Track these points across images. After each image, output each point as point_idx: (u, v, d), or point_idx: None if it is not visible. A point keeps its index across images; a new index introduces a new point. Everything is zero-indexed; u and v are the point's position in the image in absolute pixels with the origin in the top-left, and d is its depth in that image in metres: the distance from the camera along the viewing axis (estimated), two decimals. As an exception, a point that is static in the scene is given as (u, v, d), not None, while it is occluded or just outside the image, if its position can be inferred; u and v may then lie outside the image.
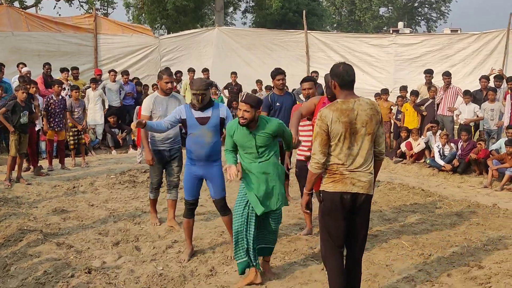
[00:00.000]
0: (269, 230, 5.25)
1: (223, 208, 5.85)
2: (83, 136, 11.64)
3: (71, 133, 11.37)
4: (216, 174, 5.80)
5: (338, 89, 4.32)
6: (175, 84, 15.26)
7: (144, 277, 5.31)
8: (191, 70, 15.23)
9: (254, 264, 5.16)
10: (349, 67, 4.33)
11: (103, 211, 7.89)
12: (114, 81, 14.13)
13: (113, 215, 7.65)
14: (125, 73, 14.71)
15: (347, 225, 4.38)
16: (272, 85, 8.65)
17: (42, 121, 11.22)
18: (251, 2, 38.94)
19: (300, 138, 6.68)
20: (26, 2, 29.46)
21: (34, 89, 10.49)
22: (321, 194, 4.42)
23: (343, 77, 4.27)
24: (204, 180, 5.88)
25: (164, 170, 7.11)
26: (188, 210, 5.91)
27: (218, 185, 5.81)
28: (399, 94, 13.96)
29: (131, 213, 7.75)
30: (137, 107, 12.08)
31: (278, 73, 8.08)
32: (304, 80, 6.91)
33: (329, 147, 4.26)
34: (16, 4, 27.47)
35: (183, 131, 6.20)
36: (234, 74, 16.19)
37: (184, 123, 5.74)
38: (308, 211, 4.67)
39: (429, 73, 13.51)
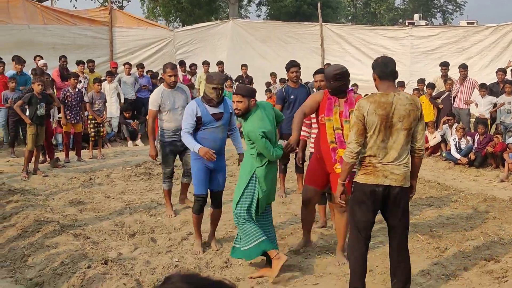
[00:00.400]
0: None
1: (220, 201, 6.02)
2: (102, 128, 11.71)
3: (91, 125, 11.44)
4: (224, 167, 5.97)
5: (378, 81, 4.39)
6: (189, 77, 15.29)
7: (160, 269, 5.34)
8: (206, 63, 15.25)
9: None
10: (388, 59, 4.40)
11: (119, 203, 7.95)
12: (129, 74, 14.19)
13: (129, 207, 7.71)
14: (140, 66, 14.77)
15: (385, 218, 4.52)
16: (286, 78, 8.64)
17: (59, 112, 11.30)
18: (265, -6, 38.89)
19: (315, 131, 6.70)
20: (42, -5, 29.62)
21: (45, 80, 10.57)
22: (352, 185, 4.49)
23: (381, 68, 4.35)
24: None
25: (175, 160, 7.33)
26: (200, 206, 5.86)
27: (224, 177, 5.96)
28: (415, 87, 13.87)
29: (146, 205, 7.81)
30: None
31: (292, 65, 8.04)
32: (316, 72, 6.85)
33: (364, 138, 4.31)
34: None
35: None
36: (244, 66, 16.15)
37: (199, 120, 5.64)
38: (343, 202, 4.66)
39: (445, 65, 13.40)
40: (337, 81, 5.22)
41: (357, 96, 5.40)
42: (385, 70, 4.34)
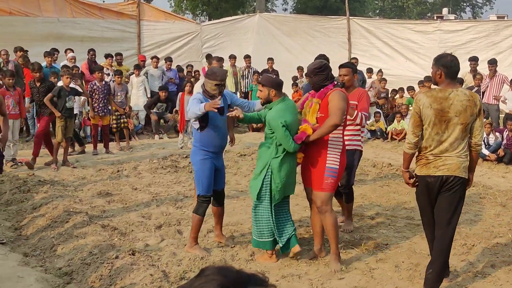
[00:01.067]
0: None
1: (224, 198, 5.97)
2: (126, 120, 11.81)
3: (114, 117, 11.56)
4: (223, 164, 5.94)
5: (442, 78, 4.54)
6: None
7: (186, 260, 5.40)
8: (232, 57, 15.26)
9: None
10: (456, 58, 4.59)
11: (146, 195, 8.04)
12: (156, 67, 14.28)
13: (156, 199, 7.79)
14: (168, 59, 14.86)
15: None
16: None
17: (88, 104, 11.44)
18: (292, -12, 38.76)
19: None
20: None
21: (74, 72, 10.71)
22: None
23: (450, 67, 4.52)
24: None
25: None
26: (206, 207, 5.68)
27: (224, 175, 5.94)
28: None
29: (173, 197, 7.88)
30: (180, 93, 12.18)
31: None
32: (341, 66, 6.61)
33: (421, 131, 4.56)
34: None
35: None
36: (271, 60, 16.01)
37: (205, 115, 5.44)
38: (411, 183, 4.81)
39: (474, 60, 13.16)
40: (317, 76, 5.26)
41: (334, 89, 5.23)
42: (454, 69, 4.53)
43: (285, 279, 5.06)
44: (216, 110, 5.24)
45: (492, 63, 12.51)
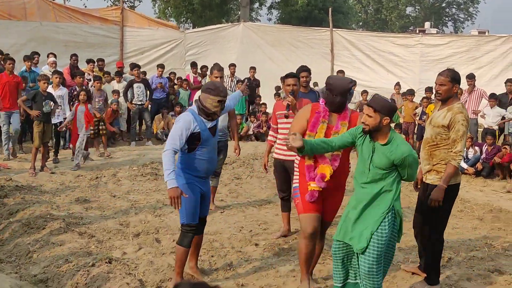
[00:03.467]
0: None
1: (204, 225, 5.27)
2: (104, 126, 11.69)
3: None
4: (209, 189, 5.22)
5: (456, 93, 5.07)
6: (200, 79, 15.29)
7: (163, 269, 5.35)
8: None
9: None
10: None
11: (125, 202, 7.97)
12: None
13: (135, 206, 7.73)
14: (160, 66, 14.52)
15: None
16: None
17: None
18: (277, -2, 38.98)
19: (281, 136, 6.11)
20: (54, -8, 29.88)
21: (58, 79, 10.55)
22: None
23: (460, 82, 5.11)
24: None
25: None
26: (191, 238, 4.93)
27: (209, 200, 5.27)
28: (424, 95, 13.82)
29: (152, 205, 7.83)
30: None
31: (302, 70, 7.99)
32: (288, 76, 6.41)
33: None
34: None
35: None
36: (253, 69, 16.00)
37: (196, 137, 4.80)
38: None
39: (471, 78, 12.92)
40: (345, 97, 4.72)
41: (355, 111, 4.96)
42: None
43: (263, 290, 5.05)
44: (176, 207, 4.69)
45: (471, 77, 12.66)
